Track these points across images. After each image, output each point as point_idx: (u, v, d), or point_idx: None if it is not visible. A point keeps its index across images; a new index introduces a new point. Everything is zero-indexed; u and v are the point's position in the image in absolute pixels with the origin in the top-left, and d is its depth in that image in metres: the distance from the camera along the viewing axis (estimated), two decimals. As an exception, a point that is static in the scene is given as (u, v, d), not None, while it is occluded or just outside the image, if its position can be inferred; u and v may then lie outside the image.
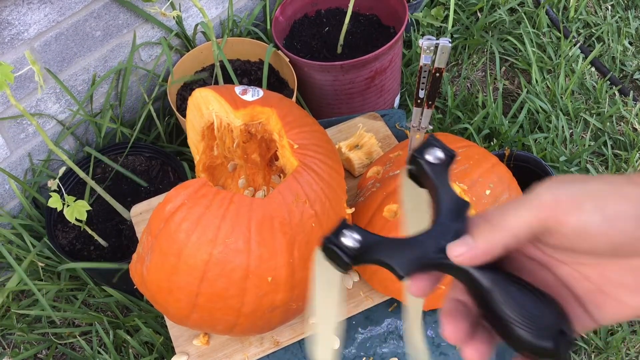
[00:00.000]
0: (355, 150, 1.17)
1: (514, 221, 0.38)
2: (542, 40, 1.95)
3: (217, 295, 0.83)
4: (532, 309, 0.39)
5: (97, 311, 1.48)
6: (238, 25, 1.77)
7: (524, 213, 0.38)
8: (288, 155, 0.91)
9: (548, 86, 1.85)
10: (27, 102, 1.42)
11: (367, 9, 1.75)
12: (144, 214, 1.18)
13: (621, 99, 1.83)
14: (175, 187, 0.84)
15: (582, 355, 1.41)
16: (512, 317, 0.39)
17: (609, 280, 0.40)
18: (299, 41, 1.71)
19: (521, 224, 0.38)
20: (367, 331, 0.99)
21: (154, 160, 1.54)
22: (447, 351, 0.95)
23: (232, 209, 0.82)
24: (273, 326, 0.93)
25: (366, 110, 1.30)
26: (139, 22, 1.56)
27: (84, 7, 1.41)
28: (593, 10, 2.07)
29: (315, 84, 1.63)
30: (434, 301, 0.98)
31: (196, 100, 0.97)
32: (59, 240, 1.42)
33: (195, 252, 0.81)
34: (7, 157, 1.45)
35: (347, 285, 1.04)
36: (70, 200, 1.17)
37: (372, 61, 1.55)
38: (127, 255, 1.38)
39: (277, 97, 0.98)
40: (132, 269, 0.91)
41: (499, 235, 0.39)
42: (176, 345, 1.00)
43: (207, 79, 1.65)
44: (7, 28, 1.29)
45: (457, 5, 1.99)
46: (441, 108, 1.84)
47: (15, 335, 1.44)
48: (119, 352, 1.41)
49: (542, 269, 0.42)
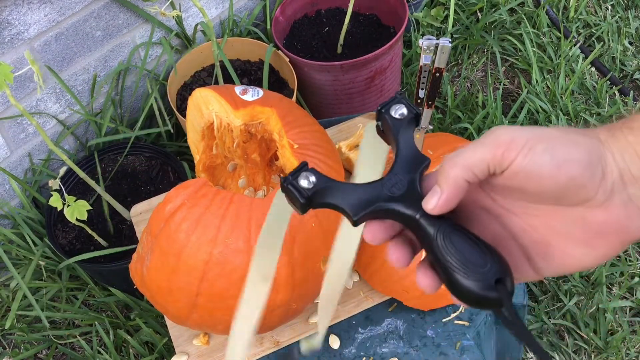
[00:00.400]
0: (355, 150, 1.17)
1: (469, 155, 0.40)
2: (542, 40, 1.95)
3: (217, 295, 0.83)
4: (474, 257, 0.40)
5: (97, 311, 1.49)
6: (238, 25, 1.77)
7: (480, 149, 0.40)
8: (288, 155, 0.91)
9: (548, 86, 1.85)
10: (27, 102, 1.42)
11: (367, 9, 1.75)
12: (144, 214, 1.18)
13: (621, 99, 1.83)
14: (175, 187, 0.84)
15: (582, 355, 1.41)
16: (453, 264, 0.40)
17: (555, 231, 0.41)
18: (299, 41, 1.71)
19: (477, 158, 0.40)
20: (367, 331, 0.99)
21: (154, 160, 1.54)
22: (447, 351, 0.96)
23: (232, 209, 0.82)
24: (273, 326, 0.93)
25: (366, 110, 1.30)
26: (139, 22, 1.56)
27: (84, 7, 1.41)
28: (593, 10, 2.07)
29: (315, 84, 1.63)
30: (434, 301, 0.98)
31: (196, 100, 0.97)
32: (59, 240, 1.42)
33: (195, 252, 0.81)
34: (7, 157, 1.45)
35: (347, 285, 1.04)
36: (71, 200, 1.17)
37: (372, 61, 1.55)
38: (127, 255, 1.38)
39: (277, 97, 0.98)
40: (132, 269, 0.91)
41: (459, 172, 0.40)
42: (176, 345, 1.00)
43: (207, 79, 1.65)
44: (7, 28, 1.30)
45: (457, 5, 1.99)
46: (441, 108, 1.84)
47: (15, 335, 1.44)
48: (119, 352, 1.41)
49: (492, 220, 0.44)
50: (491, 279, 0.39)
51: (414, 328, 0.98)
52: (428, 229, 0.42)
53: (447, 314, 0.99)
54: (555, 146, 0.38)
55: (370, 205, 0.43)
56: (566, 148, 0.38)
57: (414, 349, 0.96)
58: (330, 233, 0.88)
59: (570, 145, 0.39)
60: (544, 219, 0.42)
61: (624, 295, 1.48)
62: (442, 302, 0.99)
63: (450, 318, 0.99)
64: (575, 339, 1.42)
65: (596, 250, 0.41)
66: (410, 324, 0.99)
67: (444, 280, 0.42)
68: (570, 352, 1.40)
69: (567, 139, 0.39)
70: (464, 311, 0.99)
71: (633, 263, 1.52)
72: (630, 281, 1.49)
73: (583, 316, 1.44)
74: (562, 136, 0.39)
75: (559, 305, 1.47)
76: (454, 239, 0.41)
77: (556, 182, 0.38)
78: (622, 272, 1.50)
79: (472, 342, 0.96)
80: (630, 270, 1.50)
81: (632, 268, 1.51)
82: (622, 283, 1.49)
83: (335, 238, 0.50)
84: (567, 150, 0.38)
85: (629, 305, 1.46)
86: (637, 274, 1.51)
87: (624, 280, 1.49)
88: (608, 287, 1.49)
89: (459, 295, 0.41)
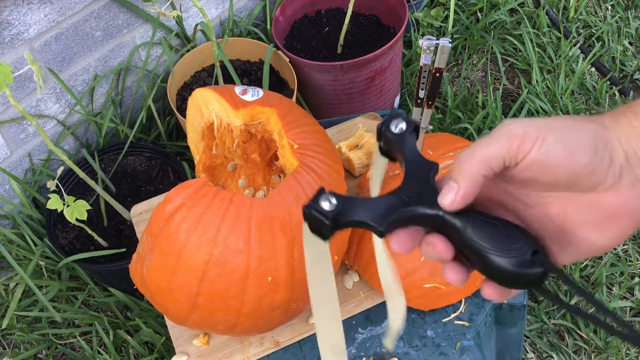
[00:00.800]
0: (355, 150, 1.17)
1: (486, 151, 0.41)
2: (542, 41, 1.95)
3: (217, 295, 0.83)
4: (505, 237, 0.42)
5: (97, 311, 1.49)
6: (238, 25, 1.77)
7: (495, 144, 0.41)
8: (288, 155, 0.91)
9: (548, 86, 1.85)
10: (27, 102, 1.42)
11: (367, 9, 1.75)
12: (144, 214, 1.18)
13: (621, 99, 1.83)
14: (175, 187, 0.84)
15: (582, 356, 1.41)
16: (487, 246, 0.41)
17: (568, 217, 0.43)
18: (299, 41, 1.71)
19: (493, 152, 0.41)
20: (367, 331, 0.99)
21: (154, 160, 1.54)
22: (447, 351, 0.96)
23: (232, 209, 0.82)
24: (273, 326, 0.93)
25: (366, 110, 1.30)
26: (139, 22, 1.56)
27: (84, 7, 1.41)
28: (593, 10, 2.07)
29: (315, 84, 1.63)
30: (434, 301, 0.98)
31: (196, 100, 0.97)
32: (59, 240, 1.42)
33: (195, 252, 0.81)
34: (7, 157, 1.45)
35: (347, 286, 1.04)
36: (70, 200, 1.17)
37: (372, 61, 1.55)
38: (127, 255, 1.38)
39: (277, 97, 0.98)
40: (132, 269, 0.91)
41: (475, 168, 0.41)
42: (176, 345, 1.00)
43: (207, 79, 1.65)
44: (7, 28, 1.30)
45: (457, 6, 1.99)
46: (441, 108, 1.84)
47: (15, 335, 1.44)
48: (119, 352, 1.41)
49: (507, 213, 0.45)
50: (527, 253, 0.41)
51: (414, 328, 0.98)
52: (454, 222, 0.43)
53: (447, 314, 0.99)
54: (565, 136, 0.40)
55: (392, 213, 0.43)
56: (575, 137, 0.40)
57: (414, 349, 0.96)
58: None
59: (579, 134, 0.40)
60: (557, 207, 0.43)
61: (624, 295, 1.48)
62: (442, 302, 0.99)
63: (450, 318, 0.99)
64: (575, 339, 1.42)
65: (610, 232, 0.42)
66: (410, 324, 0.99)
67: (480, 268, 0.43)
68: (570, 352, 1.40)
69: (575, 127, 0.41)
70: (464, 311, 0.99)
71: (633, 263, 1.52)
72: (630, 281, 1.49)
73: (583, 316, 1.44)
74: (571, 125, 0.41)
75: (559, 306, 1.47)
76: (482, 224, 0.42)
77: (568, 170, 0.40)
78: (622, 272, 1.50)
79: (472, 342, 0.96)
80: (630, 270, 1.50)
81: (632, 268, 1.51)
82: (622, 283, 1.49)
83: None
84: (577, 139, 0.40)
85: (629, 305, 1.46)
86: (637, 274, 1.51)
87: (624, 280, 1.49)
88: (608, 287, 1.49)
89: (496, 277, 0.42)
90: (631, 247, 1.55)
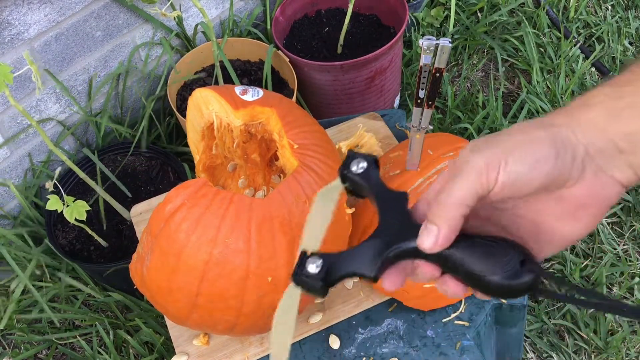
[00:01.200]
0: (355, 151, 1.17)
1: (460, 194, 0.42)
2: (542, 41, 1.95)
3: (217, 295, 0.83)
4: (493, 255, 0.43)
5: (97, 311, 1.49)
6: (238, 26, 1.77)
7: (465, 183, 0.42)
8: (288, 155, 0.91)
9: (548, 86, 1.85)
10: (27, 102, 1.42)
11: (367, 9, 1.75)
12: (144, 214, 1.18)
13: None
14: (175, 187, 0.84)
15: (582, 356, 1.41)
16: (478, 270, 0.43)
17: (540, 213, 0.45)
18: (299, 41, 1.71)
19: (466, 193, 0.42)
20: (367, 331, 0.99)
21: (154, 160, 1.54)
22: (447, 351, 0.96)
23: (232, 209, 0.82)
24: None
25: (366, 110, 1.30)
26: (139, 22, 1.56)
27: (84, 7, 1.41)
28: (593, 10, 2.07)
29: (315, 84, 1.63)
30: (434, 301, 0.98)
31: (196, 100, 0.97)
32: (59, 240, 1.42)
33: (195, 252, 0.81)
34: (7, 157, 1.45)
35: (347, 286, 1.04)
36: (70, 200, 1.17)
37: (372, 61, 1.55)
38: (127, 255, 1.38)
39: (277, 97, 0.98)
40: (132, 269, 0.91)
41: (455, 211, 0.43)
42: (176, 345, 1.00)
43: (207, 79, 1.65)
44: (7, 28, 1.30)
45: (458, 6, 1.99)
46: (441, 108, 1.84)
47: (16, 336, 1.44)
48: (119, 352, 1.41)
49: (486, 223, 0.48)
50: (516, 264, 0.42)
51: (414, 328, 0.98)
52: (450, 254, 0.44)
53: (447, 314, 0.99)
54: (523, 153, 0.42)
55: (380, 257, 0.45)
56: (533, 152, 0.42)
57: (414, 349, 0.96)
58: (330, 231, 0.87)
59: (535, 148, 0.42)
60: (530, 207, 0.45)
61: (624, 295, 1.48)
62: (442, 302, 0.99)
63: (450, 318, 0.99)
64: (576, 339, 1.42)
65: (580, 222, 0.44)
66: (410, 324, 0.99)
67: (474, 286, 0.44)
68: (570, 352, 1.40)
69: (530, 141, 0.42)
70: (464, 311, 0.99)
71: (633, 263, 1.52)
72: (630, 281, 1.49)
73: (583, 316, 1.44)
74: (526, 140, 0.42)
75: (559, 306, 1.47)
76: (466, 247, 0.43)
77: (537, 181, 0.42)
78: (622, 272, 1.50)
79: (472, 342, 0.96)
80: (630, 270, 1.50)
81: (632, 268, 1.51)
82: (622, 283, 1.49)
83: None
84: (535, 153, 0.42)
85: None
86: (637, 274, 1.51)
87: (624, 280, 1.49)
88: (608, 287, 1.49)
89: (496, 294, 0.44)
90: (631, 247, 1.55)
